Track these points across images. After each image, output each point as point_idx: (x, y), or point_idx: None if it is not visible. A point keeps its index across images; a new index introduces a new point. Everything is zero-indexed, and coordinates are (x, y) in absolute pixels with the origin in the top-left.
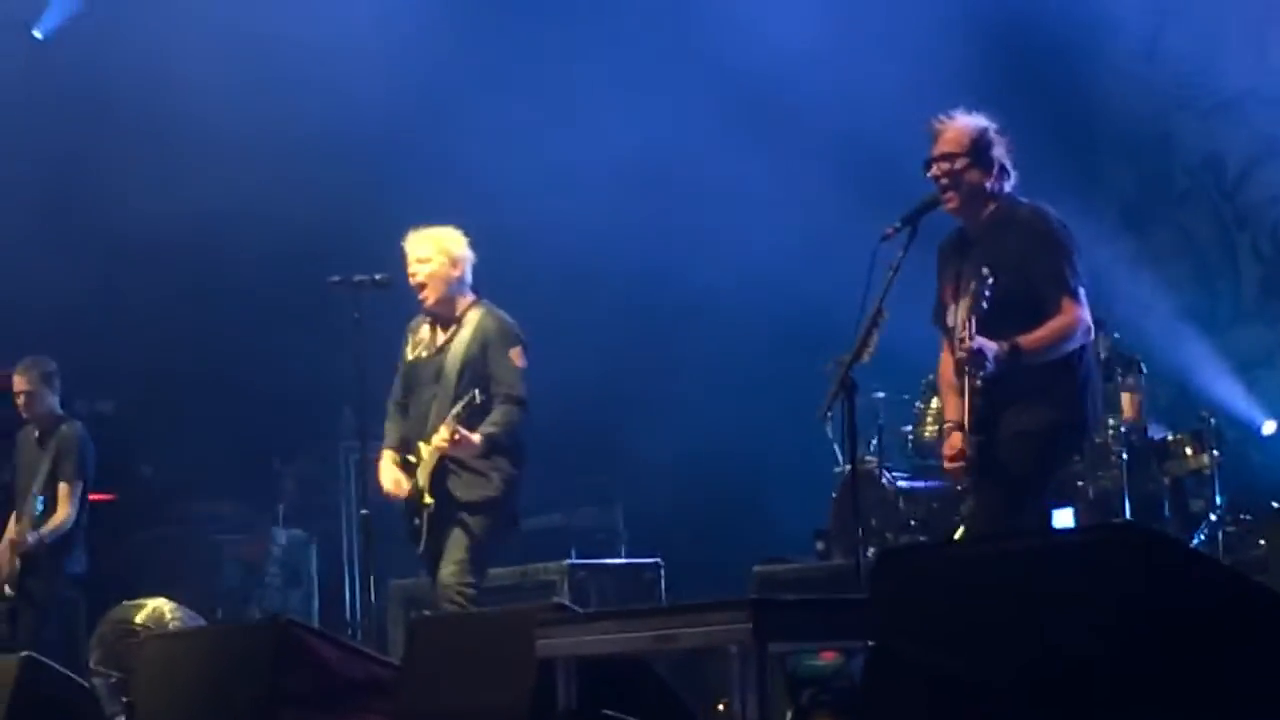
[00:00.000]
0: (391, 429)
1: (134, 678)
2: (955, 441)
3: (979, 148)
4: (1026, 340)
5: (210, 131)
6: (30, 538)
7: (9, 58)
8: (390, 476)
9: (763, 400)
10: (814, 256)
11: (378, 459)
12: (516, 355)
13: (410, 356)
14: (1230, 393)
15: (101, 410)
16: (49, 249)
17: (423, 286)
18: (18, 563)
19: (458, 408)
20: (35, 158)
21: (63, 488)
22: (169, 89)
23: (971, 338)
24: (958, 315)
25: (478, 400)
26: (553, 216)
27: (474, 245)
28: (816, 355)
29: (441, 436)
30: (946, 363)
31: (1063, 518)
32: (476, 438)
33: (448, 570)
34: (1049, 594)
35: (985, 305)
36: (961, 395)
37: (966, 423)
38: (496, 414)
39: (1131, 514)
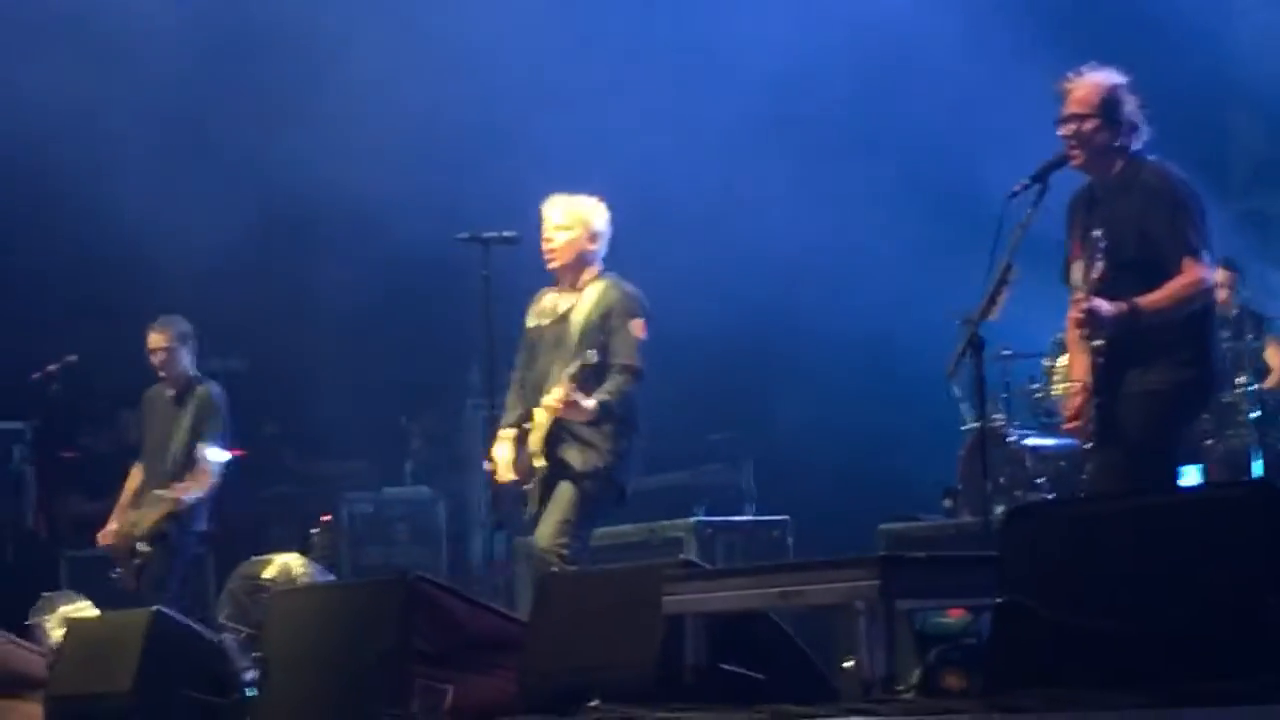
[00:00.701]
0: (511, 404)
1: (263, 633)
2: (1075, 402)
3: (1108, 106)
4: (1145, 301)
5: (349, 91)
6: (184, 498)
7: (157, 14)
8: (503, 460)
9: (890, 357)
10: (943, 211)
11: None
12: (637, 327)
13: (531, 324)
14: None
15: (234, 367)
16: (184, 207)
17: (553, 251)
18: (158, 519)
19: (573, 367)
20: (178, 117)
21: (204, 448)
22: (309, 49)
23: (1088, 298)
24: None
25: (592, 360)
26: (682, 177)
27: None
28: (945, 312)
29: (555, 396)
30: (1073, 321)
31: (1190, 476)
32: (590, 403)
33: (544, 530)
34: (1178, 551)
35: (1100, 265)
36: (1086, 354)
37: (1089, 383)
38: (610, 382)
39: (1261, 472)
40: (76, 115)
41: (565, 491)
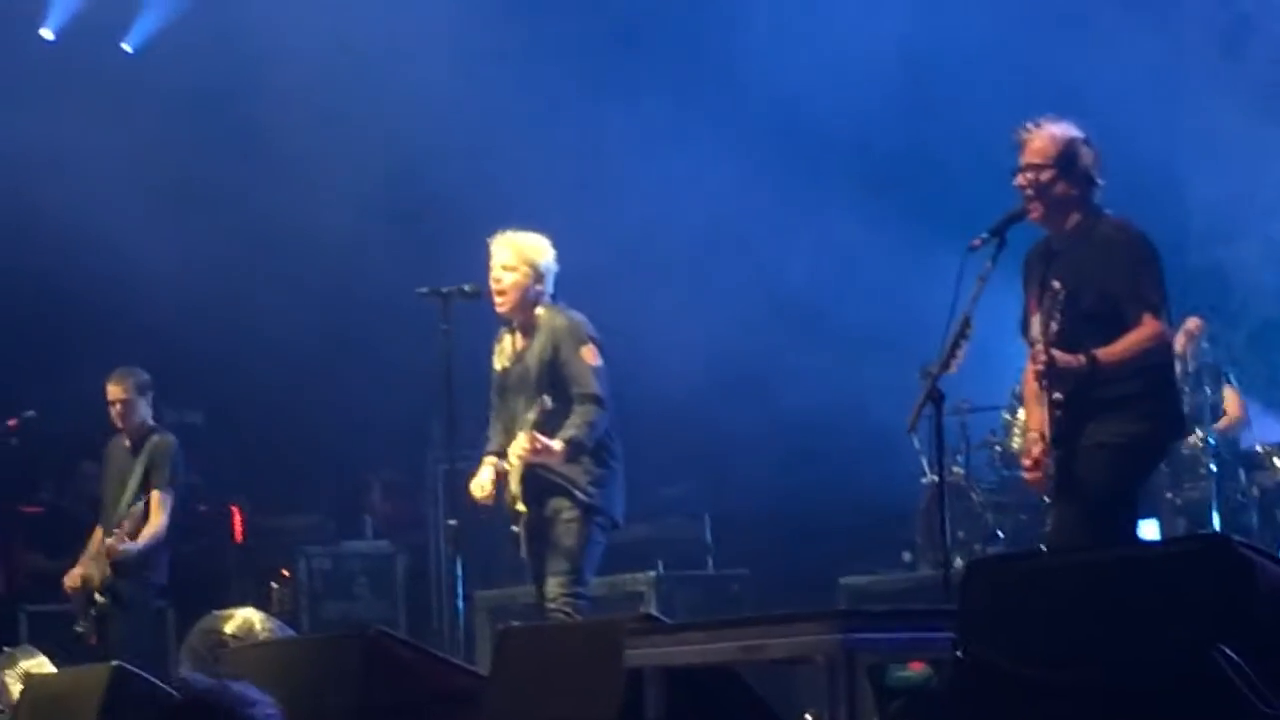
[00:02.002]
0: (491, 435)
1: None
2: (1034, 451)
3: (1066, 158)
4: (1104, 354)
5: (301, 143)
6: (125, 545)
7: (130, 62)
8: (478, 481)
9: (850, 411)
10: (910, 263)
11: (474, 470)
12: (589, 353)
13: (497, 367)
14: None
15: (191, 420)
16: (145, 259)
17: (502, 293)
18: (109, 570)
19: (532, 415)
20: (146, 167)
21: (155, 496)
22: (264, 100)
23: (1046, 350)
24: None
25: (549, 405)
26: (647, 231)
27: (564, 258)
28: (906, 365)
29: (521, 445)
30: (1031, 374)
31: (1147, 529)
32: (558, 444)
33: (552, 583)
34: (1137, 605)
35: (1058, 318)
36: (1043, 407)
37: (1047, 435)
38: (575, 415)
39: (1219, 525)
40: (36, 164)
41: (559, 540)
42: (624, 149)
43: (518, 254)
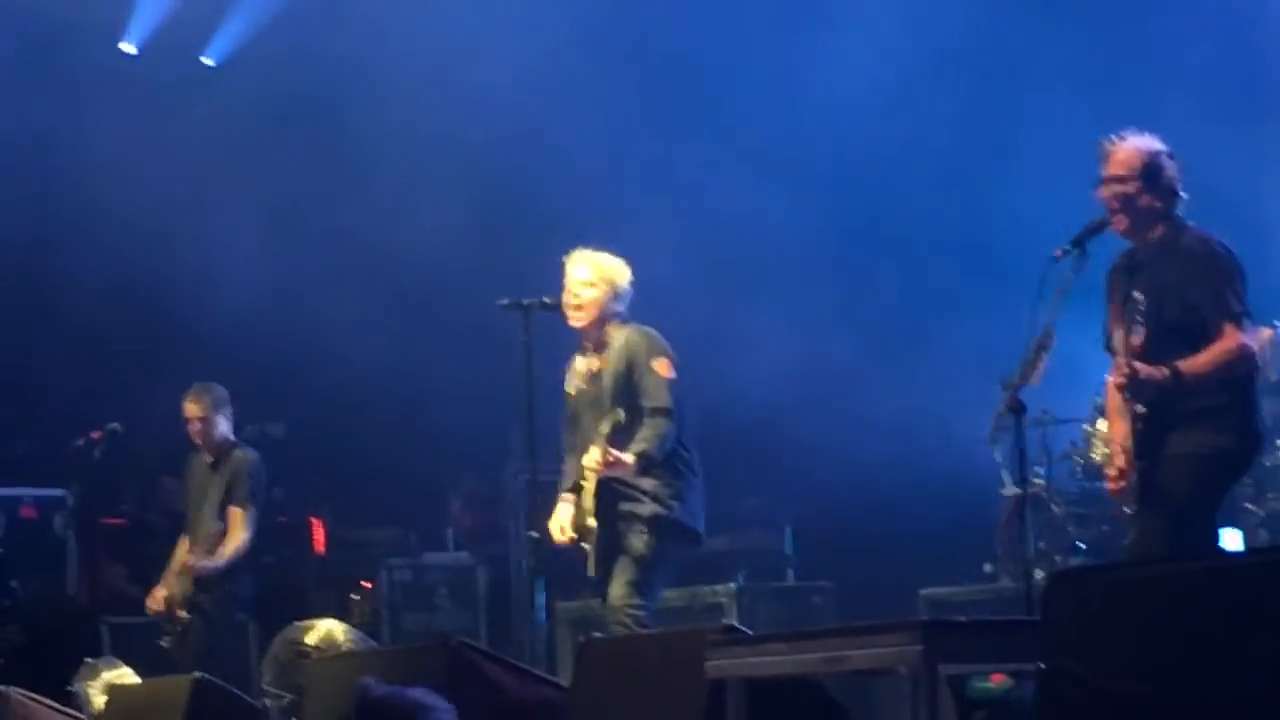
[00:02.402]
0: (567, 471)
1: (305, 699)
2: (1119, 462)
3: (1150, 170)
4: (1186, 365)
5: (384, 156)
6: (205, 562)
7: (186, 83)
8: (557, 523)
9: (931, 421)
10: (991, 278)
11: (552, 500)
12: (662, 366)
13: (572, 392)
14: None
15: (272, 433)
16: (226, 270)
17: (579, 308)
18: (191, 586)
19: (604, 428)
20: (214, 186)
21: (235, 513)
22: (346, 114)
23: (1129, 362)
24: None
25: (621, 419)
26: (740, 243)
27: (647, 271)
28: (987, 376)
29: (594, 458)
30: (1113, 387)
31: (1231, 539)
32: (629, 457)
33: (614, 592)
34: (1222, 617)
35: (1141, 330)
36: (1126, 419)
37: (1130, 448)
38: (645, 429)
39: None
40: (120, 179)
41: (629, 550)
42: (706, 171)
43: (598, 271)
